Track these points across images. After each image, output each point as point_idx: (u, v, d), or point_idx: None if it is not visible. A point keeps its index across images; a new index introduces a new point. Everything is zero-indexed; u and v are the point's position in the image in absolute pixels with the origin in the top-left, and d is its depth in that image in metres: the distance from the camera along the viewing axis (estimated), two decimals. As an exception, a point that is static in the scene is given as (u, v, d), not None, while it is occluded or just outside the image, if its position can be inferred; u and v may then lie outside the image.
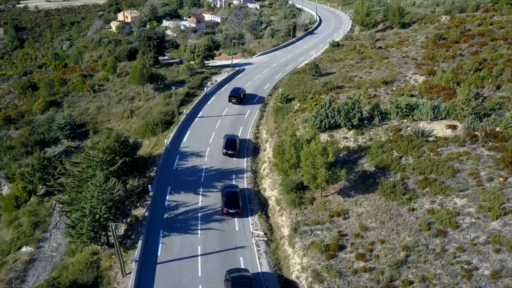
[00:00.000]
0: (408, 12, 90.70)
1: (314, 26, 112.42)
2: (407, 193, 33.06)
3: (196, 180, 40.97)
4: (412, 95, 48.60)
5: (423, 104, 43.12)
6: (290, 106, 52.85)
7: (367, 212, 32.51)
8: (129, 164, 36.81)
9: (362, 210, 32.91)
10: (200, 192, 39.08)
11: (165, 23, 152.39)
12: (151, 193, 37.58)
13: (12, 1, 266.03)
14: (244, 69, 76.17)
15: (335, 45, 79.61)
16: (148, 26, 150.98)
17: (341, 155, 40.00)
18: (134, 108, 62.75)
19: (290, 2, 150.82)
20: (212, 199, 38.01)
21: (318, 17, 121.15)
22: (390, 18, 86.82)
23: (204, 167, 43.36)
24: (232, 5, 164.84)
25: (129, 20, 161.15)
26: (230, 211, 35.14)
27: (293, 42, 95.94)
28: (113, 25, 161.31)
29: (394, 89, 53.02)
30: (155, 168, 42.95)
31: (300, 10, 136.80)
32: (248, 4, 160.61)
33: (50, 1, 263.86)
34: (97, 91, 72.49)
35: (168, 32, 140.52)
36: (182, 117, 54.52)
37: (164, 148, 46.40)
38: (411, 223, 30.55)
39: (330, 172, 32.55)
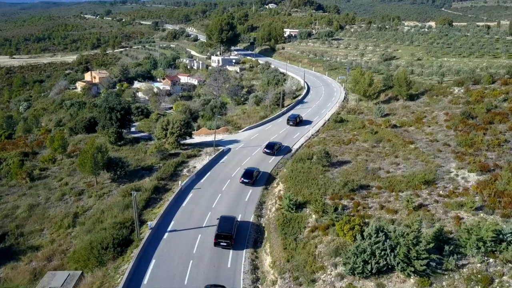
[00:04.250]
0: (412, 81, 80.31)
1: (303, 94, 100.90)
2: None
3: None
4: (478, 209, 34.28)
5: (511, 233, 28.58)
6: (302, 218, 37.20)
7: None
8: None
9: None
10: None
11: (136, 84, 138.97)
12: None
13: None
14: (229, 149, 61.16)
15: (338, 120, 66.67)
16: (117, 88, 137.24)
17: (404, 327, 24.09)
18: (80, 210, 45.42)
19: (272, 66, 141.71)
20: None
21: (306, 84, 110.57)
22: (396, 89, 75.89)
23: None
24: (210, 68, 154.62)
25: (97, 80, 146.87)
26: None
27: (283, 113, 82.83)
28: (79, 85, 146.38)
29: (441, 192, 38.76)
30: None
31: (284, 74, 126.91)
32: (227, 66, 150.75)
33: (14, 58, 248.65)
34: (36, 179, 54.93)
35: (140, 94, 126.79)
36: (146, 233, 37.66)
37: (112, 300, 29.07)
38: None
39: None
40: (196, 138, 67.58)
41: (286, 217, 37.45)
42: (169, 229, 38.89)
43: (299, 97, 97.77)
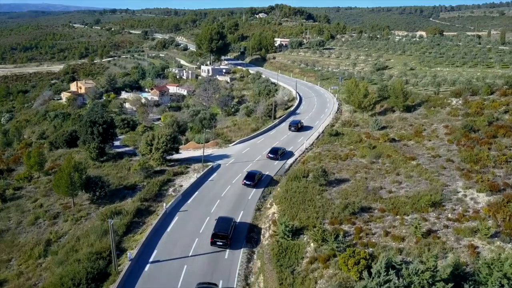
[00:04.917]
0: (409, 92, 77.62)
1: (295, 104, 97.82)
2: None
3: None
4: (493, 236, 31.05)
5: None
6: (300, 246, 33.57)
7: None
8: None
9: None
10: None
11: (124, 95, 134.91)
12: None
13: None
14: (219, 165, 57.47)
15: (334, 134, 63.48)
16: (104, 98, 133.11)
17: None
18: (54, 236, 41.20)
19: (263, 76, 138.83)
20: None
21: (298, 95, 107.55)
22: (392, 100, 73.16)
23: None
24: (200, 77, 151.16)
25: (82, 91, 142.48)
26: None
27: (275, 126, 79.57)
28: (64, 96, 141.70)
29: (450, 215, 35.55)
30: None
31: (275, 85, 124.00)
32: (217, 76, 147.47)
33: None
34: (8, 200, 50.52)
35: (127, 105, 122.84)
36: (125, 265, 33.65)
37: None
38: None
39: None
40: (184, 153, 63.70)
41: (282, 246, 33.77)
42: (151, 259, 34.89)
43: (291, 108, 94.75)
